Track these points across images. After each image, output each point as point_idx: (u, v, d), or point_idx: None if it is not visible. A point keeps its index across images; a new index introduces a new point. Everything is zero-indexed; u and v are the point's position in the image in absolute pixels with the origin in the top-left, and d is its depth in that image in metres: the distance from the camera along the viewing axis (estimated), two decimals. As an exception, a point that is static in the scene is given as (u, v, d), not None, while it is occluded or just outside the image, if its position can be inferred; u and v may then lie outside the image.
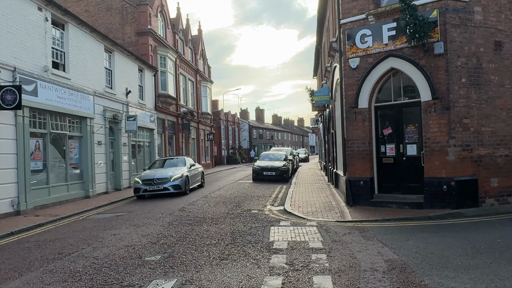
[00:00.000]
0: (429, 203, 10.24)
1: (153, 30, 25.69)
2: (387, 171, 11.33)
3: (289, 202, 12.92)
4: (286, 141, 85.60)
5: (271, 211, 11.61)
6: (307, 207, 11.86)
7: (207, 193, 16.34)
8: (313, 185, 18.40)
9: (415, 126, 10.92)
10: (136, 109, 21.69)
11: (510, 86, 10.82)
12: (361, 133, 11.48)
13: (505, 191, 10.58)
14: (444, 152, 10.09)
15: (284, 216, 10.62)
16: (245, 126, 63.80)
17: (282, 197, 14.86)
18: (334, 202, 12.57)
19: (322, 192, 15.36)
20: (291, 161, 25.15)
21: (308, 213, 10.87)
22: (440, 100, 10.13)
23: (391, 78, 11.30)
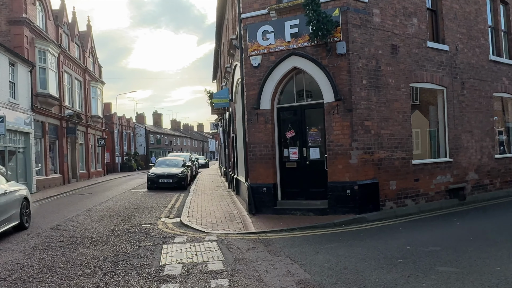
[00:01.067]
0: (333, 208, 9.82)
1: (29, 19, 22.36)
2: (291, 176, 10.73)
3: (186, 212, 11.64)
4: (186, 146, 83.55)
5: (166, 224, 10.23)
6: (207, 218, 10.73)
7: (91, 206, 14.25)
8: (213, 192, 17.33)
9: (318, 128, 10.49)
10: (5, 109, 18.46)
11: (405, 90, 10.99)
12: (264, 136, 10.72)
13: (402, 194, 10.66)
14: (347, 155, 9.77)
15: (181, 230, 9.34)
16: (142, 131, 60.48)
17: (179, 207, 13.51)
18: (236, 210, 11.62)
19: (223, 200, 14.36)
20: (189, 167, 23.82)
21: (208, 225, 9.74)
22: (343, 102, 9.80)
23: (293, 78, 10.75)
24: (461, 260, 5.79)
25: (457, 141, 12.32)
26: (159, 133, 69.22)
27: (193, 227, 9.55)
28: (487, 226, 8.47)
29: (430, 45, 11.67)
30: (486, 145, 13.36)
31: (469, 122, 12.77)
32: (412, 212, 10.37)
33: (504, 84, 14.29)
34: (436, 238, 7.33)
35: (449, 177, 11.97)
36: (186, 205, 13.27)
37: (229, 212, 11.41)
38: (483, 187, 13.09)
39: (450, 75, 12.24)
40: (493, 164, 13.53)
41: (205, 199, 14.82)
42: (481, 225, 8.57)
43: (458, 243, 6.88)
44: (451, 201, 11.73)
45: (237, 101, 15.06)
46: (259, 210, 10.63)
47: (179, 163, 22.37)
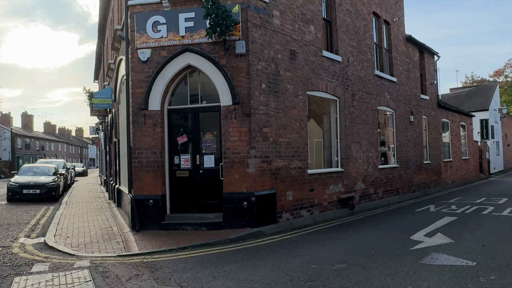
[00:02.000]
0: (228, 222, 8.95)
1: None
2: (182, 186, 9.59)
3: (53, 230, 9.68)
4: (61, 152, 75.76)
5: (24, 247, 8.25)
6: (79, 236, 8.98)
7: None
8: (90, 205, 15.21)
9: (214, 134, 9.57)
10: None
11: (303, 98, 10.71)
12: (152, 141, 9.42)
13: (299, 204, 10.28)
14: (244, 164, 9.01)
15: (43, 255, 7.53)
16: (7, 134, 52.90)
17: (45, 223, 11.32)
18: (116, 226, 10.03)
19: (101, 214, 12.51)
20: (63, 175, 20.91)
21: (80, 246, 8.07)
22: (241, 106, 9.04)
23: (187, 77, 9.69)
24: (372, 281, 5.33)
25: (348, 151, 12.50)
26: (29, 137, 61.43)
27: (60, 250, 7.80)
28: (382, 237, 8.40)
29: (325, 55, 11.65)
30: (372, 155, 13.88)
31: (358, 133, 13.11)
32: (308, 224, 10.02)
33: (386, 98, 15.13)
34: (340, 253, 6.91)
35: (341, 187, 12.04)
36: (55, 221, 11.17)
37: (108, 229, 9.78)
38: (369, 196, 13.53)
39: (342, 86, 12.40)
40: (377, 174, 14.12)
41: (79, 213, 12.78)
42: (376, 236, 8.48)
43: (363, 258, 6.52)
44: (343, 211, 11.77)
45: (121, 102, 13.39)
46: (144, 225, 9.26)
47: (49, 171, 19.42)
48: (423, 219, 10.47)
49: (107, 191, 20.49)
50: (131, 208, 9.38)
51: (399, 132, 16.02)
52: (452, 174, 22.28)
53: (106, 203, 15.70)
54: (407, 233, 8.56)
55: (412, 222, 10.05)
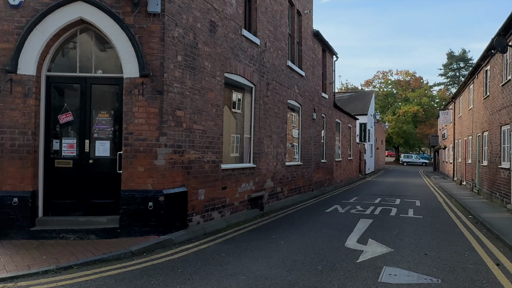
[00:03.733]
0: (127, 228, 6.93)
1: None
2: (63, 180, 7.22)
3: None
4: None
5: None
6: None
7: None
8: None
9: (111, 114, 7.40)
10: None
11: (220, 79, 9.11)
12: (21, 117, 6.86)
13: (210, 205, 8.68)
14: (152, 154, 7.07)
15: None
16: None
17: None
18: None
19: None
20: None
21: None
22: (151, 80, 7.07)
23: (78, 36, 7.32)
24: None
25: (260, 146, 11.29)
26: None
27: None
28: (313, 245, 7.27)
29: (245, 34, 10.21)
30: (281, 151, 12.92)
31: (270, 126, 11.99)
32: (220, 228, 8.49)
33: (295, 92, 14.36)
34: (280, 270, 5.54)
35: (252, 184, 10.76)
36: None
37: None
38: (276, 195, 12.54)
39: (258, 72, 11.13)
40: (284, 171, 13.22)
41: None
42: (305, 244, 7.32)
43: (312, 276, 5.26)
44: (253, 212, 10.50)
45: None
46: (3, 233, 6.69)
47: None
48: (340, 221, 9.78)
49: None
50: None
51: (304, 129, 15.44)
52: (341, 174, 22.88)
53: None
54: (337, 239, 7.63)
55: (331, 225, 9.24)
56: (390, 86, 66.17)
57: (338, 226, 9.11)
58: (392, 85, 65.87)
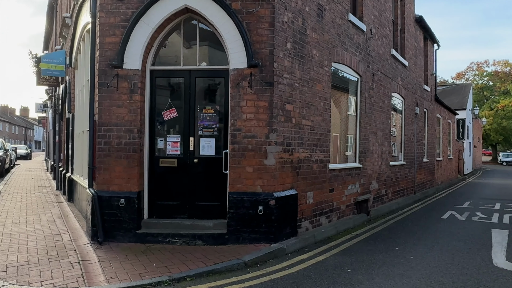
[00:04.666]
0: (235, 234, 6.31)
1: None
2: (167, 181, 6.81)
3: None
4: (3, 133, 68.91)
5: None
6: (11, 250, 5.99)
7: None
8: (33, 196, 11.93)
9: (216, 109, 6.84)
10: None
11: (328, 69, 8.20)
12: (127, 113, 6.54)
13: (318, 209, 7.81)
14: (261, 152, 6.37)
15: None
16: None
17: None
18: (68, 234, 7.06)
19: (46, 211, 9.40)
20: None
21: (10, 269, 5.13)
22: (260, 70, 6.38)
23: (182, 26, 6.86)
24: None
25: (366, 144, 10.17)
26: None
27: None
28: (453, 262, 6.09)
29: (351, 19, 9.17)
30: (385, 150, 11.66)
31: (375, 122, 10.81)
32: (330, 235, 7.58)
33: (399, 84, 12.96)
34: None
35: (358, 186, 9.70)
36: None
37: (56, 237, 6.81)
38: (380, 198, 11.31)
39: (364, 62, 10.02)
40: (388, 172, 11.93)
41: (16, 209, 9.59)
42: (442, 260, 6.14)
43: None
44: (360, 217, 9.44)
45: (79, 65, 10.29)
46: (110, 235, 6.41)
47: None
48: (468, 232, 8.35)
49: (54, 179, 17.07)
50: (92, 209, 6.47)
51: (407, 125, 13.95)
52: (441, 174, 20.73)
53: (53, 194, 12.47)
54: (478, 255, 6.33)
55: (459, 236, 7.87)
56: (485, 78, 60.22)
57: (469, 238, 7.73)
58: (488, 77, 59.86)
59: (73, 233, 7.10)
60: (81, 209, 8.89)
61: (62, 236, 6.86)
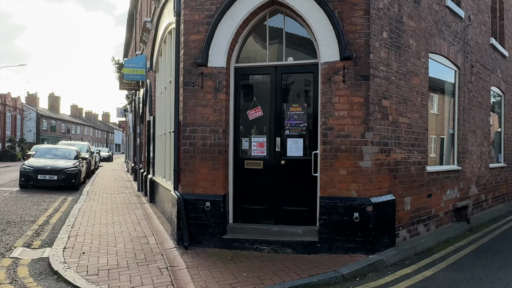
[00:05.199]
0: (328, 242, 5.77)
1: None
2: (252, 183, 6.45)
3: (65, 238, 6.72)
4: (87, 136, 74.37)
5: (16, 268, 5.32)
6: (101, 252, 5.97)
7: None
8: (116, 197, 12.32)
9: (304, 107, 6.36)
10: None
11: (425, 61, 7.37)
12: (212, 113, 6.28)
13: (416, 216, 7.01)
14: (356, 153, 5.78)
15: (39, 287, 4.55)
16: (32, 115, 51.27)
17: (57, 223, 8.43)
18: (153, 237, 6.97)
19: (131, 212, 9.53)
20: (85, 160, 18.21)
21: (101, 273, 5.05)
22: (354, 63, 5.79)
23: (267, 19, 6.48)
24: None
25: (464, 143, 9.10)
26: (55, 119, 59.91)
27: (69, 281, 4.79)
28: None
29: (449, 5, 8.22)
30: (484, 150, 10.41)
31: (474, 119, 9.67)
32: (431, 246, 6.75)
33: (498, 77, 11.57)
34: None
35: (456, 191, 8.67)
36: (69, 220, 8.26)
37: (142, 240, 6.74)
38: (480, 204, 10.09)
39: (462, 52, 8.97)
40: (488, 175, 10.64)
41: (102, 209, 9.86)
42: None
43: None
44: (460, 225, 8.41)
45: (160, 69, 10.37)
46: (196, 239, 6.18)
47: (70, 154, 16.71)
48: None
49: (135, 180, 17.70)
50: (178, 212, 6.29)
51: (507, 122, 12.44)
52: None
53: (135, 195, 12.79)
54: None
55: None
56: None
57: None
58: None
59: (158, 235, 7.00)
60: (163, 211, 8.87)
61: (148, 239, 6.78)
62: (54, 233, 7.35)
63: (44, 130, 54.86)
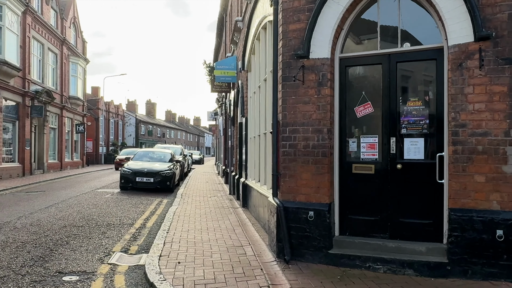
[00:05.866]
0: (461, 264, 4.71)
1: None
2: (362, 190, 5.60)
3: (160, 244, 6.48)
4: (180, 140, 78.30)
5: (113, 276, 5.11)
6: (197, 262, 5.57)
7: (15, 217, 9.09)
8: (209, 200, 12.18)
9: (425, 100, 5.35)
10: None
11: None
12: (314, 111, 5.56)
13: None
14: (498, 155, 4.64)
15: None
16: (132, 120, 55.16)
17: (153, 227, 8.36)
18: (250, 247, 6.44)
19: (224, 217, 9.19)
20: (179, 163, 18.64)
21: (198, 286, 4.59)
22: (493, 43, 4.67)
23: (378, 1, 5.59)
24: None
25: None
26: (151, 124, 63.90)
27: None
28: None
29: None
30: None
31: None
32: None
33: None
34: None
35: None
36: (165, 225, 8.10)
37: (239, 250, 6.24)
38: None
39: None
40: None
41: (196, 213, 9.67)
42: None
43: None
44: None
45: (253, 67, 9.93)
46: (298, 253, 5.49)
47: (165, 157, 17.19)
48: None
49: (226, 183, 17.66)
50: (277, 221, 5.66)
51: None
52: None
53: (227, 199, 12.55)
54: None
55: None
56: None
57: None
58: None
59: (254, 245, 6.46)
60: (258, 217, 8.37)
61: (244, 249, 6.26)
62: (150, 238, 7.21)
63: (142, 135, 58.73)
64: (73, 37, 31.46)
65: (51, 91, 25.44)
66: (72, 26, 31.25)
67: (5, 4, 18.78)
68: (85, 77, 33.14)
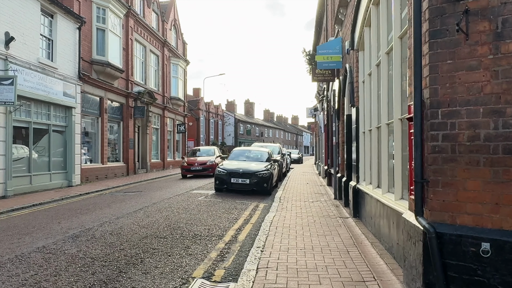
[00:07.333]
0: None
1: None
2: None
3: (252, 271, 4.90)
4: (278, 139, 77.71)
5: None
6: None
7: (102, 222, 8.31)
8: (311, 206, 10.41)
9: None
10: (30, 70, 13.52)
11: None
12: (489, 80, 3.47)
13: None
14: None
15: None
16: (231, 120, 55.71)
17: (245, 240, 6.87)
18: (377, 284, 4.52)
19: (333, 232, 7.33)
20: (277, 162, 17.15)
21: None
22: None
23: None
24: None
25: None
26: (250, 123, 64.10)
27: None
28: None
29: None
30: None
31: None
32: None
33: None
34: None
35: None
36: (260, 239, 6.54)
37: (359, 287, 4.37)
38: None
39: None
40: None
41: (297, 223, 7.97)
42: None
43: None
44: None
45: (366, 44, 7.95)
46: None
47: (262, 157, 15.83)
48: None
49: (328, 185, 15.76)
50: (424, 253, 3.68)
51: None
52: None
53: (332, 205, 10.66)
54: None
55: None
56: None
57: None
58: None
59: (382, 282, 4.52)
60: (377, 233, 6.38)
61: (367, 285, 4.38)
62: (241, 258, 5.70)
63: (241, 134, 59.11)
64: (173, 39, 32.08)
65: (153, 92, 25.95)
66: (172, 28, 31.88)
67: (108, 7, 19.15)
68: (185, 78, 33.68)
